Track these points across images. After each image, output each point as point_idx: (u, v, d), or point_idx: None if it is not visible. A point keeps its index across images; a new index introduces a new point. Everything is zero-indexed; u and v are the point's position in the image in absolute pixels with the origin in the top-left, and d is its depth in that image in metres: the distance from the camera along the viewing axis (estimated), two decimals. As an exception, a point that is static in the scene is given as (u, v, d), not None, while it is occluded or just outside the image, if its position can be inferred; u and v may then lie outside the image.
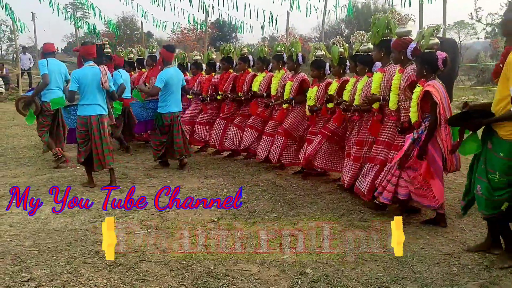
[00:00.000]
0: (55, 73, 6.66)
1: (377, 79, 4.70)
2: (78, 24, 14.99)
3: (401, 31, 4.43)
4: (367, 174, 4.72)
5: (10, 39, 40.12)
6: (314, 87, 5.80)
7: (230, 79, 7.19)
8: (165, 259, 3.53)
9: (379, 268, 3.32)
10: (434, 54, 3.97)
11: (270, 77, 6.67)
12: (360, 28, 30.20)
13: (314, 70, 5.83)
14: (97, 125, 5.52)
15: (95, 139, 5.53)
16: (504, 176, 3.07)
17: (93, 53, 5.64)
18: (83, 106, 5.53)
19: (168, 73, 6.28)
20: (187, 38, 30.10)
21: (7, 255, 3.64)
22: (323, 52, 5.86)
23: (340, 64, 5.56)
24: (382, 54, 4.69)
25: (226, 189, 5.58)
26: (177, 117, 6.41)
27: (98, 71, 5.53)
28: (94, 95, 5.51)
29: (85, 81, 5.45)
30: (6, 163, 7.12)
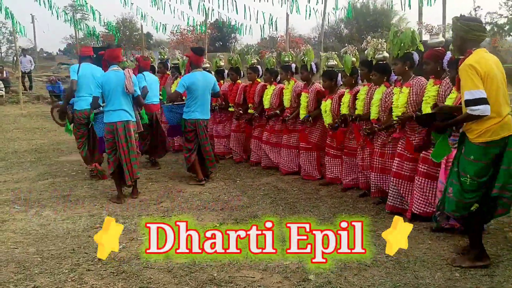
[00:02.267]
0: (87, 78, 6.09)
1: (405, 95, 4.47)
2: (77, 26, 14.97)
3: (434, 42, 4.32)
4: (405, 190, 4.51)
5: (10, 41, 40.14)
6: (328, 100, 5.64)
7: (240, 90, 7.09)
8: (168, 266, 3.54)
9: (381, 274, 3.34)
10: None
11: (280, 89, 6.51)
12: (359, 28, 30.21)
13: (326, 81, 5.67)
14: (123, 131, 5.25)
15: (122, 147, 5.26)
16: (475, 178, 3.21)
17: (118, 56, 5.43)
18: (108, 112, 5.29)
19: (192, 77, 5.89)
20: (187, 39, 30.12)
21: (10, 263, 3.65)
22: (335, 62, 5.75)
23: (352, 74, 5.42)
24: (406, 67, 4.53)
25: (228, 193, 5.60)
26: (201, 124, 5.93)
27: (122, 75, 5.23)
28: (119, 100, 5.24)
29: (109, 86, 5.20)
30: (8, 167, 7.14)
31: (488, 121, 3.12)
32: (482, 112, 3.06)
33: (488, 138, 3.15)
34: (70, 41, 47.14)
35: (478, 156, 3.18)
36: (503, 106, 3.17)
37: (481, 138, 3.16)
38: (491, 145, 3.16)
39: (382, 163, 4.79)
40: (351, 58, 5.38)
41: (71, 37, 44.71)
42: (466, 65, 3.15)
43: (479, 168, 3.19)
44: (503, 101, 3.19)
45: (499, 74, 3.20)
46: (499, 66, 3.25)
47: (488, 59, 3.21)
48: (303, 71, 6.11)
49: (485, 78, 3.12)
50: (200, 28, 16.17)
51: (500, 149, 3.18)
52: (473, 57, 3.19)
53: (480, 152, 3.18)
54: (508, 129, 3.18)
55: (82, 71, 6.09)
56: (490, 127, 3.13)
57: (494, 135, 3.14)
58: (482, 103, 3.05)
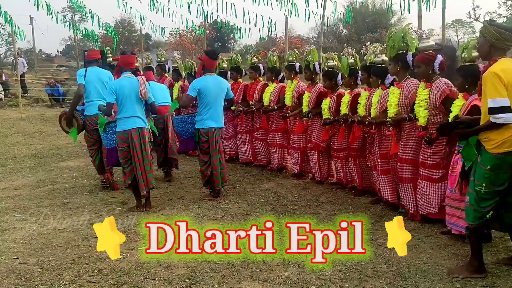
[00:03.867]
0: (95, 83, 5.86)
1: (395, 95, 4.62)
2: (76, 30, 14.95)
3: (425, 46, 4.38)
4: (405, 195, 4.69)
5: (9, 43, 40.06)
6: (327, 99, 5.79)
7: (240, 89, 7.21)
8: (169, 277, 3.54)
9: (382, 285, 3.33)
10: (477, 67, 3.92)
11: (281, 87, 6.65)
12: (358, 29, 30.11)
13: (326, 81, 5.81)
14: (138, 139, 5.07)
15: (137, 155, 5.08)
16: (490, 187, 3.22)
17: (132, 62, 5.28)
18: (122, 120, 5.09)
19: (203, 80, 5.46)
20: (185, 41, 30.08)
21: (11, 274, 3.65)
22: (335, 62, 5.87)
23: (350, 75, 5.53)
24: (398, 68, 4.63)
25: (227, 200, 5.59)
26: (214, 133, 5.47)
27: (136, 81, 5.07)
28: (133, 107, 5.06)
29: (122, 93, 5.01)
30: (7, 173, 7.14)
31: (506, 131, 3.11)
32: (506, 120, 3.05)
33: (506, 149, 3.13)
34: (69, 42, 47.08)
35: (494, 166, 3.18)
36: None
37: (498, 149, 3.14)
38: (509, 155, 3.14)
39: (384, 164, 4.94)
40: (347, 59, 5.50)
41: (70, 38, 44.65)
42: (490, 73, 3.14)
43: (495, 178, 3.20)
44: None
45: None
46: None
47: (511, 68, 3.18)
48: (306, 71, 6.21)
49: (508, 87, 3.10)
50: (199, 30, 16.17)
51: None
52: (498, 65, 3.17)
53: (497, 163, 3.17)
54: None
55: (89, 76, 5.87)
56: (508, 138, 3.11)
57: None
58: (506, 111, 3.05)
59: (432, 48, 4.37)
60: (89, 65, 6.00)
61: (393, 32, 4.72)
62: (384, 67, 5.00)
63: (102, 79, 5.93)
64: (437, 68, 4.26)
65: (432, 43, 4.40)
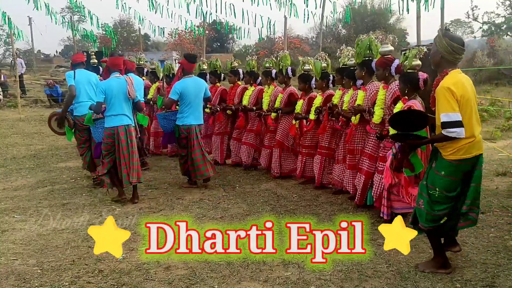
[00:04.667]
0: (84, 84, 6.13)
1: (361, 97, 5.08)
2: (75, 30, 14.93)
3: (384, 50, 4.76)
4: (359, 183, 5.08)
5: (7, 43, 40.02)
6: (301, 100, 6.19)
7: (217, 93, 7.40)
8: (169, 278, 3.54)
9: (382, 285, 3.34)
10: (416, 75, 4.23)
11: (259, 90, 6.97)
12: (357, 29, 30.20)
13: (301, 83, 6.21)
14: (124, 135, 5.43)
15: (123, 151, 5.41)
16: (443, 192, 3.35)
17: (119, 64, 5.60)
18: (110, 117, 5.44)
19: (183, 83, 5.96)
20: (184, 41, 30.09)
21: (10, 275, 3.64)
22: (310, 66, 6.18)
23: (323, 78, 5.90)
24: (364, 72, 5.06)
25: (227, 200, 5.59)
26: (194, 129, 5.97)
27: (124, 81, 5.45)
28: (121, 105, 5.43)
29: (111, 92, 5.37)
30: (6, 174, 7.12)
31: (462, 140, 3.24)
32: (458, 134, 3.20)
33: (461, 156, 3.27)
34: (68, 42, 47.09)
35: (449, 173, 3.32)
36: (475, 127, 3.30)
37: (454, 156, 3.28)
38: (463, 162, 3.29)
39: (350, 159, 5.32)
40: (321, 63, 5.89)
41: (68, 39, 44.69)
42: (443, 88, 3.24)
43: (448, 183, 3.33)
44: (475, 122, 3.32)
45: (472, 96, 3.31)
46: (472, 87, 3.37)
47: (463, 81, 3.30)
48: (279, 75, 6.60)
49: (460, 101, 3.23)
50: (198, 30, 16.15)
51: (471, 166, 3.32)
52: (449, 79, 3.27)
53: (451, 169, 3.31)
54: (479, 148, 3.33)
55: (78, 77, 6.10)
56: (463, 145, 3.26)
57: (467, 154, 3.28)
58: (458, 126, 3.19)
59: (390, 52, 4.76)
60: (76, 67, 6.24)
61: (360, 40, 5.12)
62: (356, 69, 5.32)
63: (91, 80, 6.23)
64: (394, 71, 4.60)
65: (390, 48, 4.77)
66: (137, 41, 31.77)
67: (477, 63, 22.19)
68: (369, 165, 4.91)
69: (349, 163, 5.29)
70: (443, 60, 3.37)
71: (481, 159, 3.36)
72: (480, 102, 13.19)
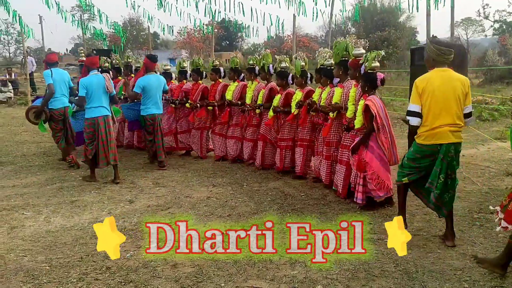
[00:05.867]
0: (59, 82, 7.15)
1: (338, 93, 5.53)
2: (85, 29, 15.02)
3: (356, 53, 5.20)
4: (339, 174, 5.45)
5: (18, 42, 40.38)
6: (278, 95, 6.65)
7: (199, 90, 7.68)
8: (176, 276, 3.55)
9: (389, 285, 3.32)
10: (375, 75, 4.88)
11: (243, 86, 7.37)
12: (366, 27, 29.98)
13: (279, 80, 6.64)
14: (103, 125, 6.26)
15: (102, 138, 6.24)
16: (410, 162, 4.11)
17: (96, 62, 6.55)
18: (90, 109, 6.25)
19: (146, 79, 6.97)
20: (193, 39, 30.16)
21: (19, 272, 3.68)
22: (286, 64, 6.67)
23: (302, 76, 6.32)
24: (341, 72, 5.53)
25: (235, 199, 5.59)
26: (156, 118, 7.04)
27: (102, 78, 6.31)
28: (100, 99, 6.26)
29: (91, 87, 6.19)
30: (16, 172, 7.19)
31: (422, 128, 3.91)
32: (411, 122, 3.93)
33: (422, 141, 3.94)
34: (78, 41, 47.38)
35: (414, 150, 4.05)
36: (437, 119, 3.81)
37: (418, 139, 3.99)
38: (424, 147, 3.94)
39: (326, 150, 5.77)
40: (300, 62, 6.30)
41: (78, 37, 44.94)
42: (414, 82, 3.94)
43: (412, 157, 4.07)
44: (438, 114, 3.81)
45: (439, 91, 3.81)
46: (446, 83, 3.83)
47: (434, 77, 3.87)
48: (262, 72, 7.06)
49: (421, 94, 3.85)
50: (206, 29, 16.18)
51: (433, 153, 3.90)
52: (424, 75, 3.93)
53: (416, 148, 4.03)
54: (441, 139, 3.84)
55: (54, 76, 7.09)
56: (423, 133, 3.92)
57: (426, 141, 3.90)
58: (413, 115, 3.90)
59: (362, 55, 5.11)
60: (51, 67, 7.24)
61: (338, 42, 5.59)
62: (333, 69, 5.79)
63: (65, 79, 7.34)
64: (363, 71, 5.00)
65: (362, 51, 5.20)
66: (146, 40, 31.88)
67: (488, 62, 21.97)
68: (349, 155, 5.25)
69: (326, 154, 5.73)
70: (435, 62, 3.94)
71: (445, 149, 3.83)
72: (491, 101, 13.06)
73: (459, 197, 5.35)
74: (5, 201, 5.65)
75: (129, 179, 6.61)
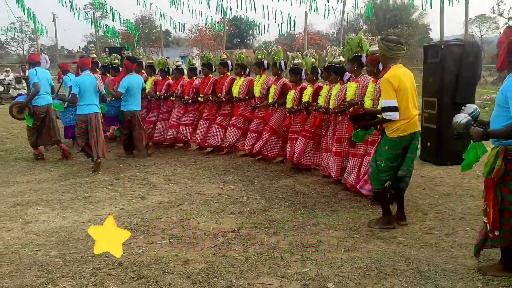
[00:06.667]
0: (43, 80, 7.59)
1: (352, 88, 5.54)
2: (97, 26, 15.14)
3: (374, 49, 5.16)
4: (353, 168, 5.50)
5: (32, 39, 40.81)
6: (292, 91, 6.76)
7: (210, 83, 7.99)
8: (187, 272, 3.57)
9: (401, 283, 3.30)
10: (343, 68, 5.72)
11: (249, 81, 7.59)
12: (378, 24, 29.76)
13: (292, 76, 6.80)
14: (95, 121, 6.84)
15: (93, 133, 6.80)
16: (388, 163, 4.21)
17: (88, 63, 7.16)
18: (82, 106, 6.85)
19: (129, 79, 7.62)
20: (205, 37, 30.21)
21: (33, 266, 3.73)
22: (299, 60, 6.77)
23: (312, 72, 6.48)
24: (355, 67, 5.59)
25: (246, 196, 5.60)
26: (136, 114, 7.71)
27: (94, 78, 6.93)
28: (92, 97, 6.86)
29: (84, 86, 6.77)
30: (30, 168, 7.28)
31: (399, 121, 4.10)
32: (392, 117, 4.09)
33: (399, 134, 4.13)
34: (90, 39, 47.74)
35: (390, 147, 4.19)
36: (411, 110, 4.13)
37: (393, 134, 4.15)
38: (402, 139, 4.14)
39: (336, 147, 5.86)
40: (311, 59, 6.49)
41: (91, 35, 45.30)
42: (384, 80, 4.12)
43: (390, 156, 4.20)
44: (412, 106, 4.14)
45: (409, 85, 4.14)
46: (410, 78, 4.21)
47: (401, 74, 4.13)
48: (273, 68, 7.23)
49: (398, 90, 4.06)
50: (218, 26, 16.20)
51: (408, 142, 4.16)
52: (390, 72, 4.13)
53: (392, 144, 4.18)
54: (415, 127, 4.19)
55: (39, 75, 7.49)
56: (400, 126, 4.11)
57: (403, 132, 4.13)
58: (393, 110, 4.06)
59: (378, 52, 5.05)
60: (35, 66, 7.66)
61: (350, 38, 5.68)
62: (342, 66, 5.98)
63: (47, 77, 7.79)
64: (381, 68, 5.01)
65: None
66: (158, 37, 32.00)
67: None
68: (364, 148, 5.37)
69: (336, 151, 5.80)
70: (385, 58, 4.23)
71: (418, 134, 4.25)
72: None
73: (473, 195, 5.31)
74: (19, 196, 5.73)
75: (141, 175, 6.66)
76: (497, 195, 3.22)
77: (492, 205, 3.22)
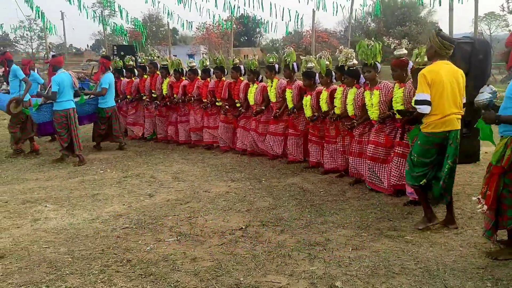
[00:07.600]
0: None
1: (376, 96, 5.43)
2: (105, 25, 15.21)
3: (400, 53, 5.14)
4: (384, 172, 5.41)
5: (41, 38, 41.07)
6: (308, 96, 6.63)
7: (225, 87, 7.90)
8: (195, 269, 3.58)
9: (410, 282, 3.28)
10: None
11: (262, 87, 7.43)
12: (386, 22, 29.53)
13: (306, 80, 6.66)
14: (73, 115, 7.32)
15: (73, 127, 7.28)
16: (420, 158, 4.18)
17: (61, 62, 7.61)
18: (61, 102, 7.23)
19: (109, 77, 8.25)
20: (212, 35, 30.22)
21: (42, 263, 3.75)
22: (313, 64, 6.68)
23: (327, 75, 6.37)
24: (376, 74, 5.52)
25: (253, 194, 5.60)
26: (115, 109, 8.41)
27: (69, 75, 7.37)
28: (69, 93, 7.32)
29: (63, 84, 7.17)
30: (39, 165, 7.34)
31: (431, 116, 4.05)
32: (422, 110, 4.05)
33: (431, 130, 4.08)
34: (99, 37, 47.97)
35: (423, 142, 4.17)
36: (446, 107, 4.01)
37: (426, 129, 4.12)
38: (432, 135, 4.09)
39: (359, 148, 5.78)
40: (325, 61, 6.36)
41: (99, 33, 45.48)
42: (420, 73, 4.07)
43: (423, 151, 4.17)
44: (447, 103, 4.01)
45: (448, 81, 4.00)
46: (454, 75, 4.06)
47: (440, 69, 4.03)
48: (286, 70, 7.08)
49: (431, 85, 3.99)
50: (225, 24, 16.21)
51: (441, 140, 4.07)
52: (430, 67, 4.11)
53: (424, 139, 4.15)
54: (450, 125, 4.04)
55: (20, 73, 7.89)
56: (433, 121, 4.05)
57: (435, 128, 4.06)
58: (424, 104, 4.03)
59: (404, 55, 5.14)
60: (11, 64, 8.06)
61: (369, 45, 5.53)
62: (356, 69, 5.88)
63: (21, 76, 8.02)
64: (409, 71, 5.05)
65: (405, 52, 5.17)
66: (165, 35, 32.08)
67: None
68: (404, 150, 5.17)
69: (372, 156, 5.53)
70: (435, 54, 4.12)
71: (453, 135, 4.05)
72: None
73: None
74: (28, 193, 5.77)
75: (149, 173, 6.68)
76: (500, 181, 3.52)
77: (494, 190, 3.52)
